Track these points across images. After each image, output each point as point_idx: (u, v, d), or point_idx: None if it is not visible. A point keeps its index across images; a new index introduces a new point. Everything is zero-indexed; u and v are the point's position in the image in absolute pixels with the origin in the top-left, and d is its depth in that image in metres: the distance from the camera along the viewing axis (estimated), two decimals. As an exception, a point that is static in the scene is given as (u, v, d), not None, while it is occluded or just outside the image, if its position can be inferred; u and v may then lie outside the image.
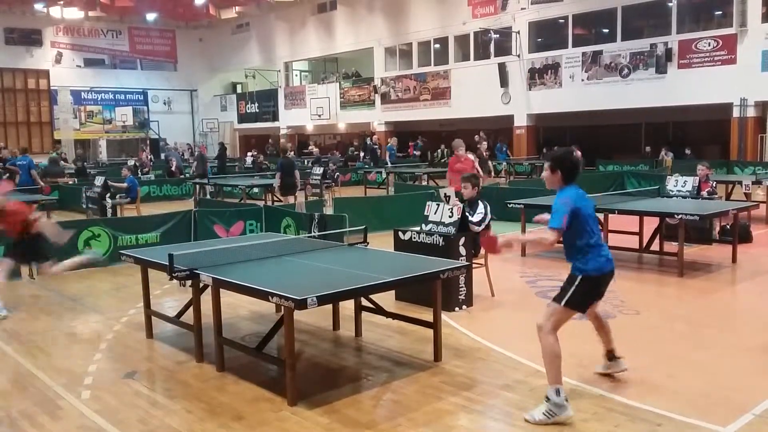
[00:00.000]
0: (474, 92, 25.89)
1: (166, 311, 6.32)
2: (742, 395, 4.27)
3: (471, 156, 12.12)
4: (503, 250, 4.36)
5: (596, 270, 4.12)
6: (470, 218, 6.68)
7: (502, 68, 24.90)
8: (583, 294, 4.13)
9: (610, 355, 4.63)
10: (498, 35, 25.26)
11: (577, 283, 4.12)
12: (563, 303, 4.10)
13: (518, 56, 24.60)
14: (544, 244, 4.13)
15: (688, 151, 21.98)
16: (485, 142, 16.54)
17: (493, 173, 16.41)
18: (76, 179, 19.23)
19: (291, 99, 34.84)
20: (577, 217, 4.01)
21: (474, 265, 6.56)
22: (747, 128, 20.13)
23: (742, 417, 3.96)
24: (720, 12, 21.03)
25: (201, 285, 5.07)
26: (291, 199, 13.60)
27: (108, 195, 13.40)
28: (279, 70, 35.07)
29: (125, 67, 38.05)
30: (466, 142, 27.25)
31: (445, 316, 5.74)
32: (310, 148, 31.64)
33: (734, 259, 8.47)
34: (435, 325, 5.02)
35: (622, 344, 5.39)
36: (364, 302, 5.64)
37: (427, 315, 5.21)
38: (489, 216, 6.87)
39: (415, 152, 27.73)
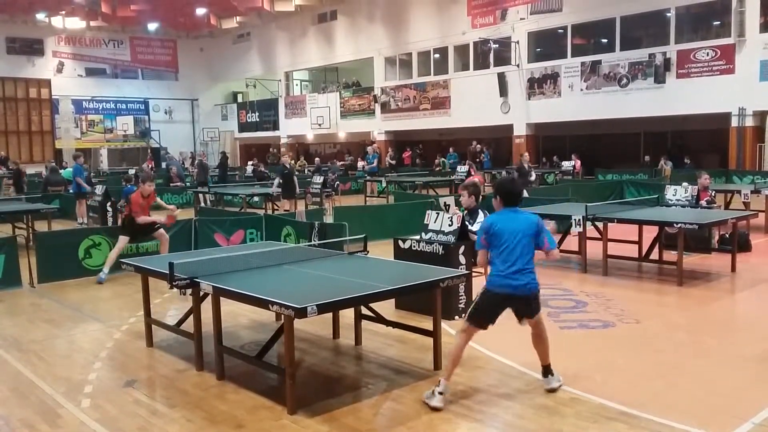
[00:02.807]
0: (473, 102, 25.98)
1: (166, 320, 6.33)
2: (742, 404, 4.28)
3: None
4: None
5: (493, 286, 4.38)
6: (470, 227, 6.69)
7: (501, 78, 25.00)
8: (482, 307, 4.42)
9: (546, 371, 4.59)
10: (497, 45, 25.38)
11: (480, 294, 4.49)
12: (466, 316, 4.50)
13: (517, 66, 24.70)
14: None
15: (687, 161, 22.03)
16: (526, 154, 15.48)
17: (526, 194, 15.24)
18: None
19: (291, 108, 34.96)
20: (489, 234, 4.41)
21: (474, 274, 6.57)
22: (745, 138, 20.18)
23: (741, 426, 3.97)
24: (718, 22, 21.15)
25: (201, 293, 5.07)
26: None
27: (109, 203, 13.42)
28: (279, 80, 35.21)
29: (126, 76, 38.20)
30: (460, 152, 26.82)
31: (445, 325, 5.73)
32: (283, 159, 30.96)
33: (733, 268, 8.48)
34: (435, 334, 5.03)
35: (623, 353, 5.42)
36: (364, 311, 5.65)
37: (427, 323, 5.21)
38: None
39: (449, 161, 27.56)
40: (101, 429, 4.17)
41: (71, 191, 15.69)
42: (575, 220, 8.55)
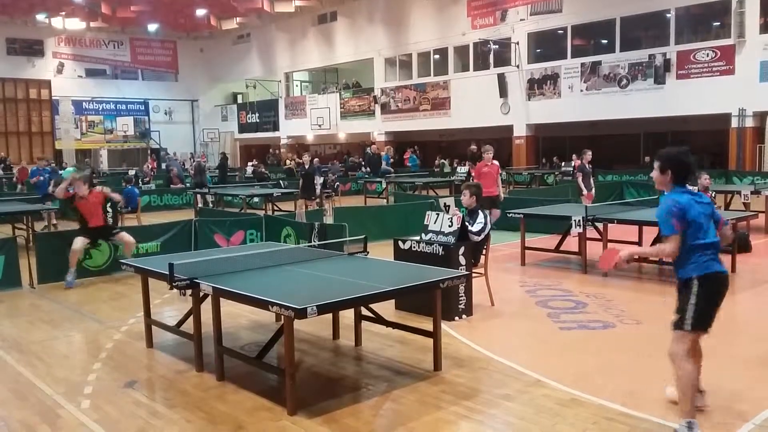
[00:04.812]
0: (473, 102, 26.01)
1: (166, 320, 6.32)
2: (742, 405, 4.27)
3: (496, 162, 11.80)
4: (622, 264, 4.01)
5: (710, 269, 3.79)
6: (470, 228, 6.69)
7: (501, 79, 25.02)
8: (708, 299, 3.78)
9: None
10: (497, 46, 25.41)
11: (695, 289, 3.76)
12: (685, 328, 3.79)
13: (517, 67, 24.72)
14: (665, 255, 3.84)
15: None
16: (589, 152, 13.64)
17: (594, 190, 13.45)
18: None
19: (291, 109, 34.97)
20: (687, 219, 3.75)
21: (474, 275, 6.57)
22: (745, 138, 20.20)
23: (742, 427, 3.97)
24: (718, 23, 21.18)
25: (201, 294, 5.07)
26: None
27: (109, 204, 13.38)
28: (279, 81, 35.24)
29: (126, 77, 38.24)
30: (459, 153, 26.84)
31: (444, 326, 5.74)
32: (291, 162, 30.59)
33: (733, 269, 8.47)
34: (435, 335, 5.03)
35: (623, 354, 5.41)
36: (364, 311, 5.65)
37: (427, 324, 5.21)
38: (489, 226, 6.88)
39: (409, 164, 27.49)
40: (101, 430, 4.17)
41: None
42: (575, 221, 8.55)
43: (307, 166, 14.35)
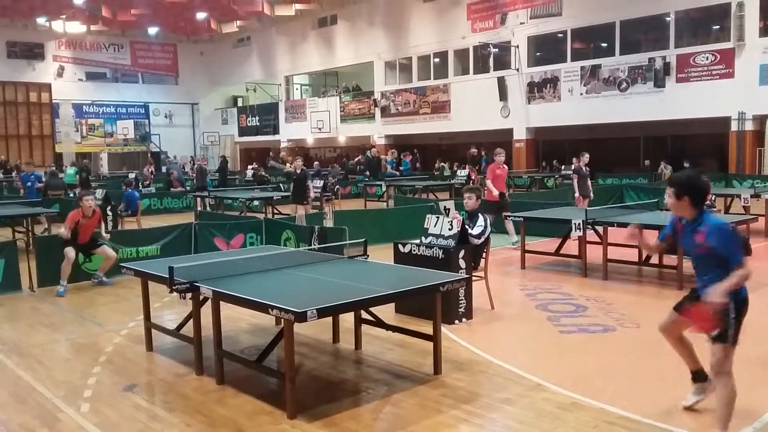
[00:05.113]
0: (473, 106, 26.03)
1: (166, 324, 6.32)
2: (743, 407, 4.25)
3: (505, 166, 12.04)
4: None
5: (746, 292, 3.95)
6: (470, 231, 6.69)
7: (501, 82, 25.04)
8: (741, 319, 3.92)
9: (702, 375, 4.31)
10: (497, 49, 25.43)
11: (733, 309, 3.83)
12: (728, 341, 3.76)
13: (517, 70, 24.75)
14: (747, 278, 3.96)
15: (686, 165, 22.01)
16: (587, 155, 13.38)
17: (592, 193, 13.31)
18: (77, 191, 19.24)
19: (291, 112, 35.00)
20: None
21: (474, 278, 6.57)
22: (745, 142, 20.21)
23: (743, 430, 3.96)
24: (718, 26, 21.21)
25: (201, 298, 5.07)
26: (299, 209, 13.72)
27: (109, 207, 13.41)
28: (280, 84, 35.27)
29: (127, 80, 38.29)
30: (459, 156, 26.92)
31: (444, 329, 5.73)
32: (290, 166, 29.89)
33: (734, 272, 8.46)
34: (435, 338, 5.02)
35: (623, 357, 5.41)
36: (364, 315, 5.64)
37: (427, 328, 5.21)
38: (489, 229, 6.88)
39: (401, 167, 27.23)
40: (100, 433, 4.17)
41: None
42: (575, 224, 8.55)
43: (298, 171, 14.16)
